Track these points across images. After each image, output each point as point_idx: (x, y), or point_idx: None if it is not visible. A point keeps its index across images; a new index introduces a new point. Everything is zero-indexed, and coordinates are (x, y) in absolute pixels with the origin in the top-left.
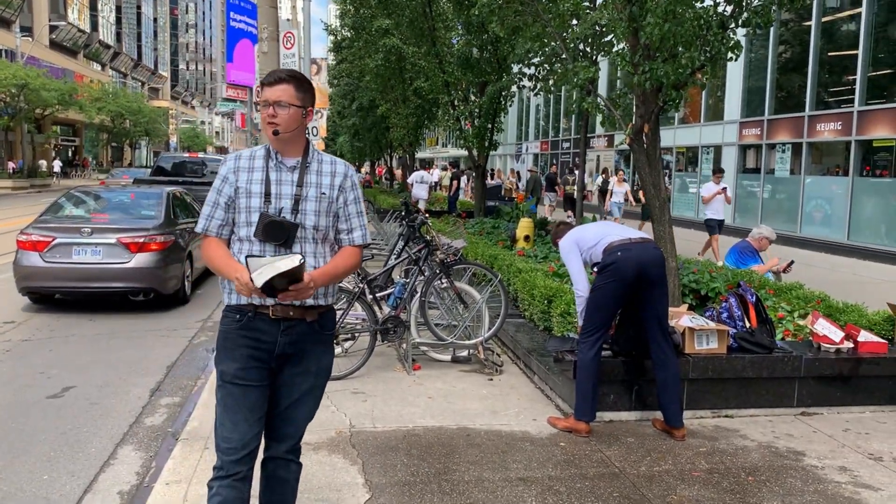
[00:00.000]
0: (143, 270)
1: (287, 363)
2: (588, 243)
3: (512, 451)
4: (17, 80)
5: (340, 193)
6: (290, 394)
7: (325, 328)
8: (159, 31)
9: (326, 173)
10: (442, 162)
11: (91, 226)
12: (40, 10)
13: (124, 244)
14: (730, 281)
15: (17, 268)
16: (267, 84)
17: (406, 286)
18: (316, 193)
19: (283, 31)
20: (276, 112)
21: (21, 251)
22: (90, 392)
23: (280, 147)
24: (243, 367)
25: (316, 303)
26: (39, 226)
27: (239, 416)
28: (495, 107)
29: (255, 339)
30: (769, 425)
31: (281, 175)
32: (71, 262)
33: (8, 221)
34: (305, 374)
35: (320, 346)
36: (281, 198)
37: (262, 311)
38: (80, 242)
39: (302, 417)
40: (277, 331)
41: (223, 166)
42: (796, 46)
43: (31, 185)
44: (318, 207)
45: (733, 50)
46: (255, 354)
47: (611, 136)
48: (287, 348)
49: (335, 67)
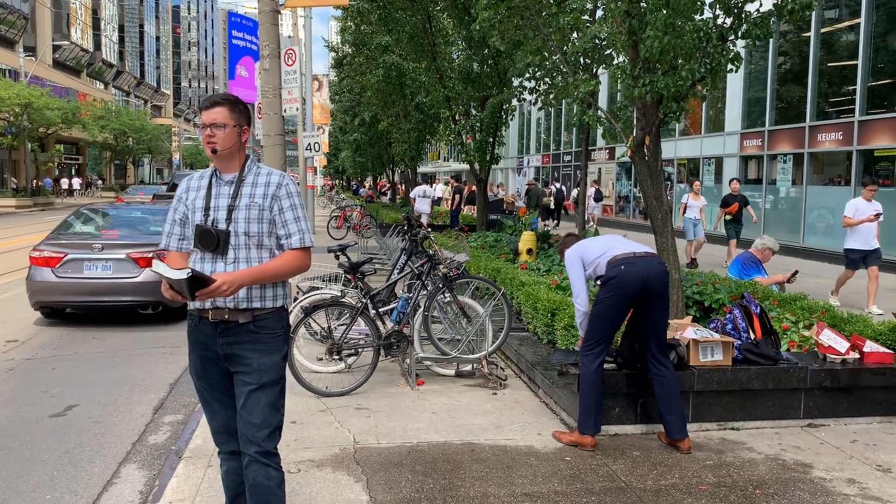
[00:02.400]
0: (152, 284)
1: (232, 364)
2: (592, 256)
3: (517, 465)
4: (20, 99)
5: (274, 202)
6: (241, 394)
7: (264, 329)
8: (162, 50)
9: (261, 184)
10: (444, 176)
11: (101, 242)
12: (44, 30)
13: (133, 259)
14: (733, 292)
15: (30, 283)
16: (203, 108)
17: (409, 301)
18: (248, 202)
19: (285, 48)
20: (213, 132)
21: (34, 267)
22: (93, 410)
23: (220, 164)
24: (201, 367)
25: (249, 305)
26: (51, 242)
27: (211, 406)
28: (496, 120)
29: (202, 341)
30: (776, 437)
31: (220, 189)
32: (82, 277)
33: (14, 240)
34: (249, 374)
35: (259, 345)
36: (218, 209)
37: (204, 316)
38: (91, 258)
39: (257, 418)
40: (216, 333)
41: (179, 188)
42: (796, 57)
43: (35, 203)
44: (248, 215)
45: (733, 62)
46: (206, 355)
47: (612, 148)
48: (226, 349)
49: (337, 84)
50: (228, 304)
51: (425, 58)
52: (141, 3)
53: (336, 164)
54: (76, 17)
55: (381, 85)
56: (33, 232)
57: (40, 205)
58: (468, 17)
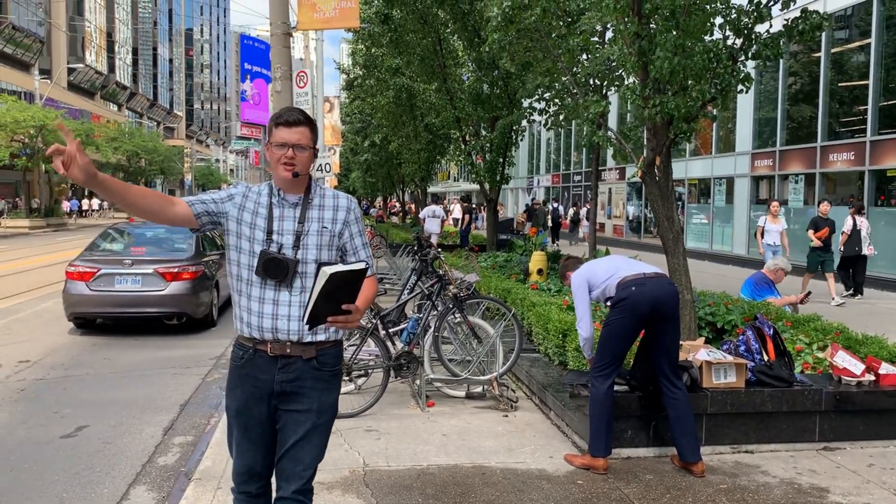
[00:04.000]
0: (177, 297)
1: (287, 402)
2: (600, 279)
3: (528, 489)
4: (35, 121)
5: (345, 227)
6: (294, 433)
7: (326, 365)
8: (175, 72)
9: (329, 207)
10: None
11: (131, 258)
12: (59, 53)
13: (160, 274)
14: (746, 313)
15: (66, 296)
16: (283, 124)
17: (419, 321)
18: (318, 227)
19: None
20: (295, 154)
21: (69, 281)
22: (103, 431)
23: (286, 186)
24: (243, 406)
25: (314, 338)
26: (85, 258)
27: (243, 445)
28: (506, 141)
29: (254, 377)
30: (791, 461)
31: (284, 211)
32: (114, 290)
33: (26, 261)
34: (307, 413)
35: (321, 383)
36: (283, 234)
37: (261, 349)
38: (121, 273)
39: (307, 458)
40: (274, 368)
41: (236, 188)
42: (806, 77)
43: (48, 224)
44: (319, 241)
45: (744, 82)
46: (255, 393)
47: (622, 168)
48: (285, 386)
49: (347, 105)
50: (292, 337)
51: (436, 79)
52: (154, 27)
53: (346, 184)
54: (91, 40)
55: (392, 106)
56: (44, 252)
57: (53, 225)
58: (478, 39)
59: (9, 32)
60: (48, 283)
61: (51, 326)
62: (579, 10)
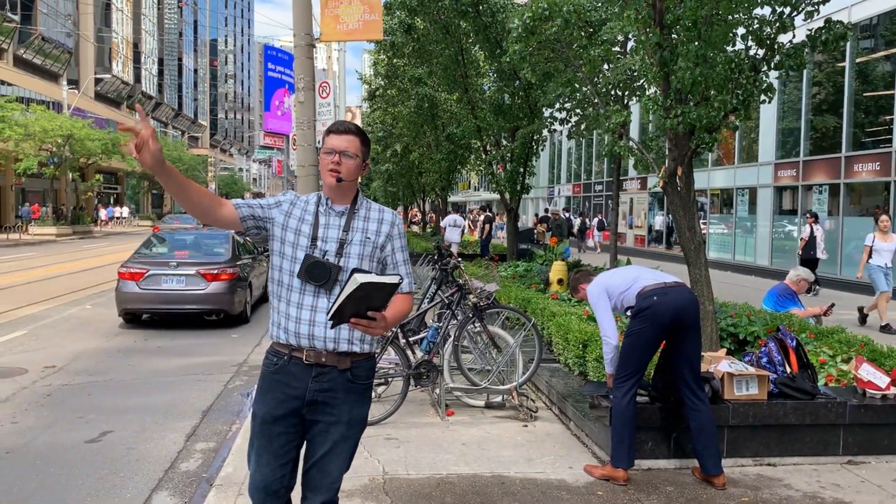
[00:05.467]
0: (216, 295)
1: (318, 412)
2: (619, 289)
3: (548, 500)
4: (63, 130)
5: (388, 241)
6: (323, 444)
7: (359, 378)
8: (199, 82)
9: (374, 220)
10: (474, 206)
11: (176, 260)
12: (87, 64)
13: (202, 275)
14: (768, 325)
15: (119, 294)
16: (335, 132)
17: (439, 330)
18: (361, 238)
19: (319, 81)
20: (341, 160)
21: (122, 280)
22: (127, 437)
23: (333, 194)
24: (273, 412)
25: (350, 349)
26: (136, 261)
27: (264, 458)
28: (527, 151)
29: (287, 384)
30: (814, 474)
31: (329, 220)
32: (161, 289)
33: (52, 268)
34: (337, 425)
35: (353, 395)
36: (327, 241)
37: (297, 356)
38: (168, 273)
39: (335, 469)
40: (308, 377)
41: (285, 195)
42: (830, 87)
43: (74, 231)
44: (361, 251)
45: (766, 92)
46: (287, 401)
47: (643, 178)
48: (317, 396)
49: (369, 115)
50: (328, 346)
51: (457, 89)
52: (180, 37)
53: (368, 193)
54: (118, 51)
55: (413, 116)
56: (71, 260)
57: (80, 233)
58: (499, 49)
59: (38, 44)
60: (74, 290)
61: (76, 332)
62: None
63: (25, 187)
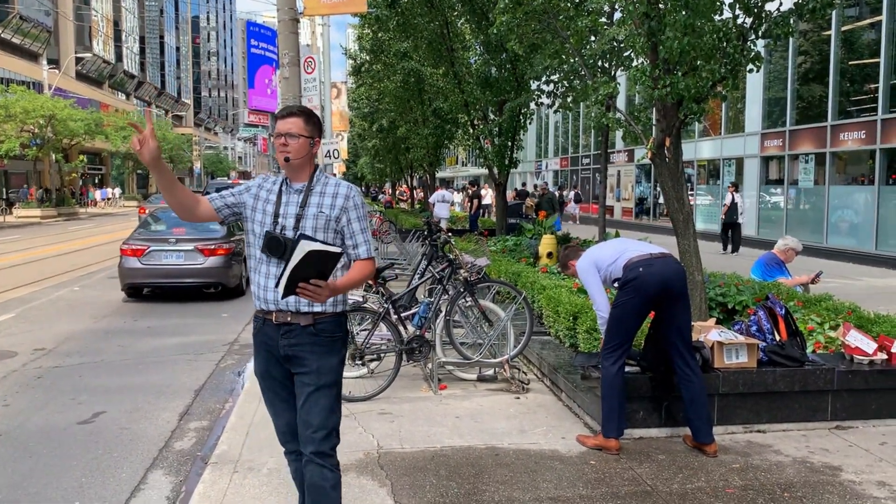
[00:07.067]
0: (214, 269)
1: (293, 365)
2: (606, 261)
3: (541, 470)
4: (45, 111)
5: (343, 213)
6: (301, 395)
7: (324, 332)
8: (182, 60)
9: (329, 194)
10: (462, 181)
11: (175, 237)
12: (67, 43)
13: (199, 250)
14: (757, 294)
15: (122, 269)
16: (280, 117)
17: (430, 305)
18: (315, 212)
19: (304, 57)
20: (287, 142)
21: (124, 257)
22: (120, 417)
23: (290, 174)
24: (265, 368)
25: (310, 309)
26: (137, 238)
27: (277, 407)
28: (514, 124)
29: (266, 342)
30: (803, 440)
31: (289, 198)
32: (161, 264)
33: (35, 251)
34: (309, 374)
35: (319, 347)
36: (287, 217)
37: (269, 318)
38: (167, 249)
39: (315, 420)
40: (279, 335)
41: (255, 180)
42: (816, 56)
43: (59, 213)
44: (315, 224)
45: (754, 61)
46: (270, 356)
47: (631, 150)
48: (288, 350)
49: (355, 91)
50: (291, 308)
51: (443, 63)
52: (161, 15)
53: (355, 170)
54: (98, 29)
55: (400, 91)
56: (56, 242)
57: (65, 215)
58: (486, 21)
59: (16, 23)
60: (62, 272)
61: (65, 314)
62: None
63: (8, 169)
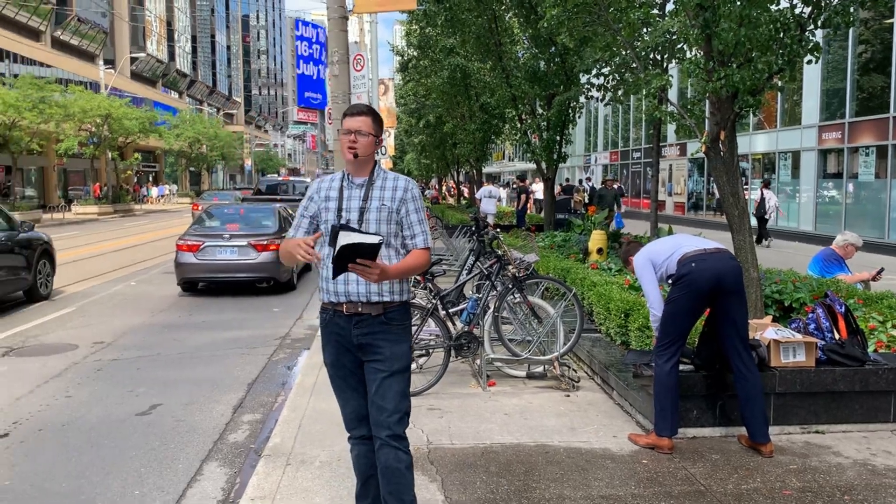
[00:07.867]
0: (266, 265)
1: (365, 353)
2: (662, 256)
3: (593, 468)
4: (101, 110)
5: (402, 205)
6: (373, 382)
7: (393, 321)
8: (232, 59)
9: (389, 188)
10: (509, 176)
11: (229, 233)
12: (122, 44)
13: (252, 245)
14: (815, 291)
15: (178, 265)
16: (349, 115)
17: (478, 301)
18: (378, 205)
19: (353, 54)
20: (356, 139)
21: (180, 252)
22: (176, 409)
23: (353, 169)
24: (335, 357)
25: (380, 299)
26: (193, 234)
27: (346, 394)
28: (563, 118)
29: (337, 333)
30: (864, 441)
31: (351, 192)
32: (216, 259)
33: (95, 246)
34: (381, 362)
35: (391, 335)
36: (350, 211)
37: (339, 309)
38: (222, 245)
39: (389, 404)
40: (350, 325)
41: (310, 188)
42: (878, 45)
43: (115, 210)
44: (378, 216)
45: (812, 52)
46: (340, 346)
47: (683, 144)
48: (361, 339)
49: (402, 87)
50: (362, 299)
51: (491, 58)
52: (212, 14)
53: (402, 166)
54: (151, 29)
55: (446, 86)
56: (113, 238)
57: (121, 211)
58: (535, 15)
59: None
60: (119, 267)
61: (123, 309)
62: None
63: (67, 167)
